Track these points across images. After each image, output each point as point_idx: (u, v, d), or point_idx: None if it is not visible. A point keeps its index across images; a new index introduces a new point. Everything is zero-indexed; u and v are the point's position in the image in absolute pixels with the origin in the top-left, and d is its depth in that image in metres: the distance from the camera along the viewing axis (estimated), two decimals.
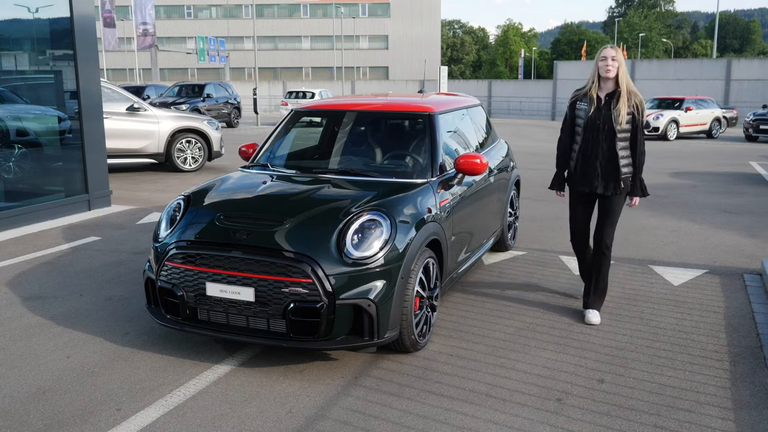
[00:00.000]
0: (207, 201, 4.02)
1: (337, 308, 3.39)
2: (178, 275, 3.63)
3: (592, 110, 4.12)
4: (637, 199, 4.28)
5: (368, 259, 3.47)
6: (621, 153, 4.12)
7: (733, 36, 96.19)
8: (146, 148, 11.36)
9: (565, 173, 4.45)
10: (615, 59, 4.08)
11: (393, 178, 4.29)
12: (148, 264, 3.96)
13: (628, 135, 4.13)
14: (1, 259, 5.83)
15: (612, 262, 5.78)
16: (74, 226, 7.22)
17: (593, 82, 4.17)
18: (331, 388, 3.41)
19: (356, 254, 3.47)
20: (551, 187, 4.53)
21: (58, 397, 3.32)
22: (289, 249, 3.45)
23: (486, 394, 3.35)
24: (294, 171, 4.63)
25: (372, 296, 3.44)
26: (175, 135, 11.57)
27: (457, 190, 4.47)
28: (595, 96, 4.14)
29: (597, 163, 4.15)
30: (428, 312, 3.93)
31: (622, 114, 4.04)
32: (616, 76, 4.13)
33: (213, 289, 3.52)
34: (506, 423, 3.07)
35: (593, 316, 4.33)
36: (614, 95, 4.10)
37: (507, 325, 4.29)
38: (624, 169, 4.16)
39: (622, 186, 4.17)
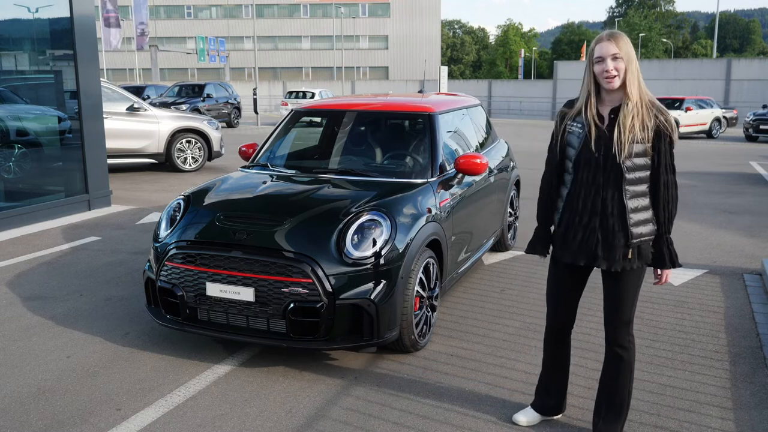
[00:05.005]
0: (207, 201, 4.02)
1: (337, 308, 3.39)
2: (178, 275, 3.63)
3: (592, 137, 2.63)
4: (667, 273, 2.70)
5: (368, 259, 3.47)
6: (631, 204, 2.61)
7: (733, 36, 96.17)
8: (146, 148, 11.36)
9: (551, 229, 2.90)
10: (618, 57, 2.55)
11: (393, 178, 4.29)
12: (148, 264, 3.96)
13: (644, 175, 2.61)
14: (1, 259, 5.83)
15: None
16: (74, 226, 7.22)
17: (588, 93, 2.66)
18: (331, 388, 3.41)
19: (356, 254, 3.47)
20: (529, 250, 2.94)
21: (58, 397, 3.32)
22: (289, 249, 3.45)
23: (486, 394, 3.35)
24: (294, 171, 4.63)
25: (372, 296, 3.44)
26: (175, 135, 11.57)
27: (457, 190, 4.47)
28: (594, 114, 2.64)
29: (596, 221, 2.65)
30: (428, 312, 3.93)
31: (627, 140, 2.55)
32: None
33: (213, 289, 3.52)
34: (506, 423, 3.07)
35: None
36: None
37: (507, 325, 4.29)
38: (637, 230, 2.62)
39: (632, 256, 2.65)
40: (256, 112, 28.59)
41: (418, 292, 3.71)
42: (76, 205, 7.86)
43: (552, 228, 2.88)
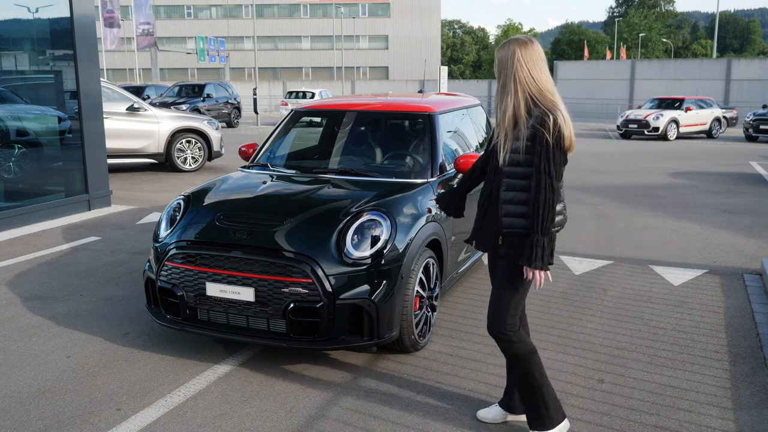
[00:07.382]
0: (207, 201, 4.02)
1: (337, 308, 3.39)
2: (178, 275, 3.63)
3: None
4: (537, 274, 2.64)
5: (368, 259, 3.47)
6: (505, 195, 2.72)
7: (733, 36, 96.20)
8: (146, 148, 11.37)
9: (457, 195, 3.27)
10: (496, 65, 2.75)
11: (393, 178, 4.29)
12: (148, 264, 3.96)
13: (523, 171, 2.67)
14: (1, 259, 5.83)
15: (611, 262, 5.78)
16: (74, 226, 7.22)
17: None
18: (331, 388, 3.41)
19: (356, 254, 3.47)
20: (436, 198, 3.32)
21: (58, 397, 3.32)
22: (289, 249, 3.45)
23: (486, 394, 3.35)
24: (294, 171, 4.63)
25: (372, 296, 3.44)
26: (175, 135, 11.57)
27: None
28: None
29: (487, 205, 2.85)
30: (428, 312, 3.93)
31: (502, 140, 2.72)
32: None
33: (213, 289, 3.52)
34: (506, 423, 3.07)
35: None
36: None
37: None
38: (507, 220, 2.71)
39: (501, 243, 2.76)
40: (256, 112, 28.59)
41: (418, 292, 3.71)
42: (76, 205, 7.86)
43: (460, 193, 3.23)
